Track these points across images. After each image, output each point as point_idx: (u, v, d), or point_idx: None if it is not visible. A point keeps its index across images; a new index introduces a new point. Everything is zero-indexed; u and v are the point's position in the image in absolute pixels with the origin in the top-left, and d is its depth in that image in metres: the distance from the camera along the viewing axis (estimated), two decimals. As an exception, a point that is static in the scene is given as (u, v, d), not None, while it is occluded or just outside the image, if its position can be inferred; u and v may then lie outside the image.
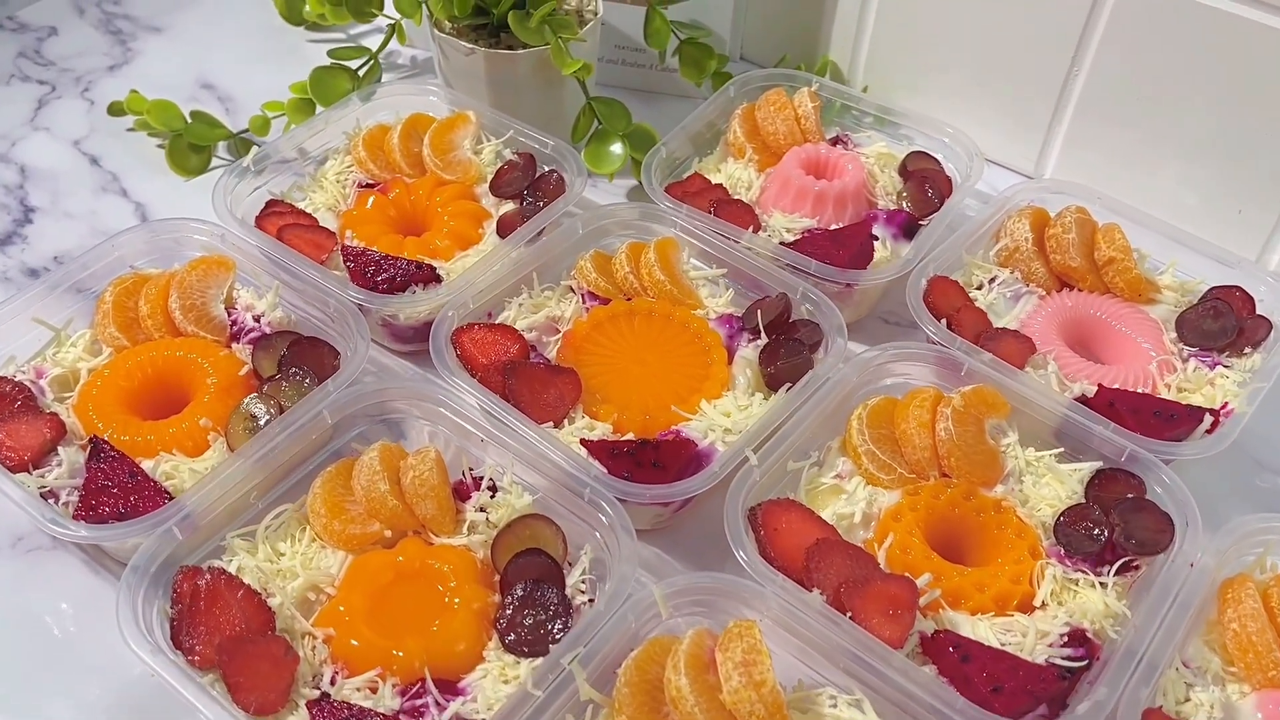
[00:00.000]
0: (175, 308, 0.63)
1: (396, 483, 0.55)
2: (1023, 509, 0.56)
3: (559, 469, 0.56)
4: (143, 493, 0.55)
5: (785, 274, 0.66)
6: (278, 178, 0.74)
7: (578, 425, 0.59)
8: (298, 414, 0.58)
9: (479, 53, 0.75)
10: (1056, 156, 0.81)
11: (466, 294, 0.64)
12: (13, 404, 0.59)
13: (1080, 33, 0.74)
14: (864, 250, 0.68)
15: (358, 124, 0.76)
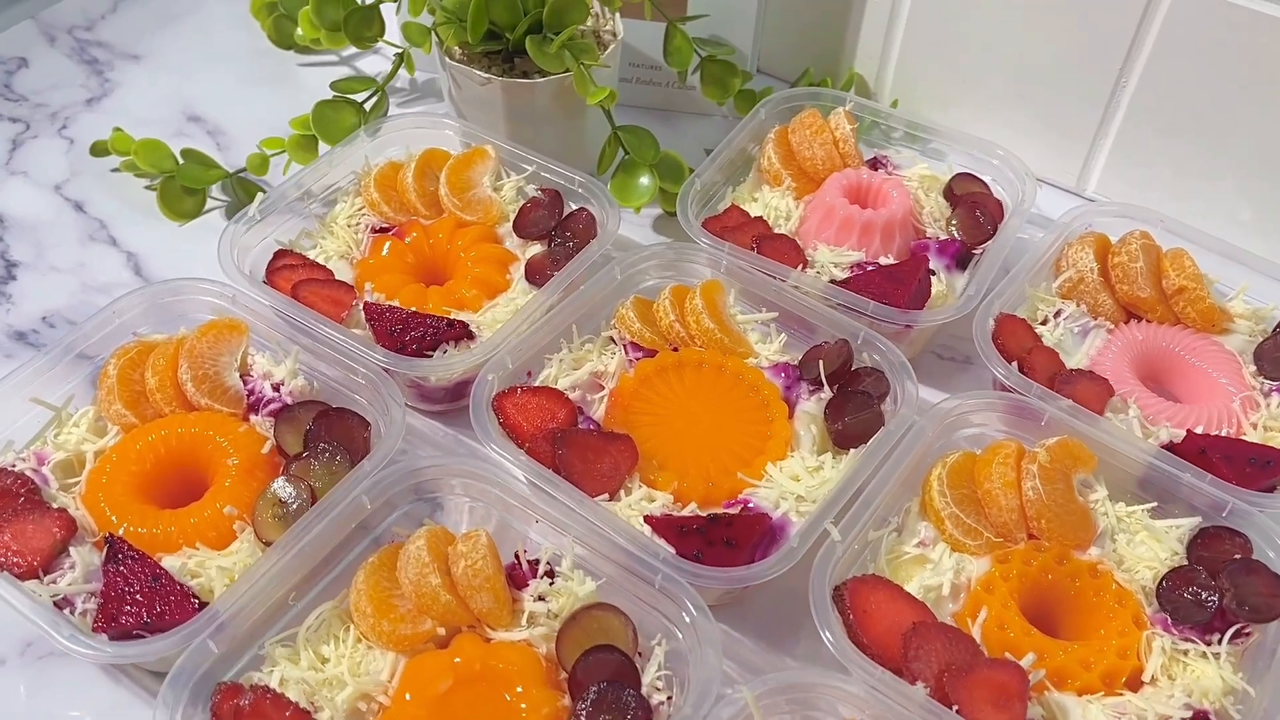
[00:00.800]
0: (186, 379, 0.58)
1: (447, 574, 0.51)
2: (1120, 572, 0.53)
3: (621, 550, 0.52)
4: (169, 599, 0.50)
5: (838, 314, 0.62)
6: (284, 224, 0.68)
7: (635, 496, 0.55)
8: (334, 499, 0.53)
9: (496, 82, 0.70)
10: (1101, 170, 0.77)
11: (503, 352, 0.59)
12: (15, 500, 0.54)
13: (1130, 41, 0.70)
14: (923, 288, 0.63)
15: (366, 162, 0.71)
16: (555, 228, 0.67)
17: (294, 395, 0.59)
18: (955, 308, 0.63)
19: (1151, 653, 0.50)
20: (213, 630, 0.48)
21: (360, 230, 0.69)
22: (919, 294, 0.63)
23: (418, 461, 0.56)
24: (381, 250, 0.67)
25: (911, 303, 0.62)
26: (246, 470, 0.56)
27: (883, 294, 0.62)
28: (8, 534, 0.52)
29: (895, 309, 0.61)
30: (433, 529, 0.52)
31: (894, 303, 0.62)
